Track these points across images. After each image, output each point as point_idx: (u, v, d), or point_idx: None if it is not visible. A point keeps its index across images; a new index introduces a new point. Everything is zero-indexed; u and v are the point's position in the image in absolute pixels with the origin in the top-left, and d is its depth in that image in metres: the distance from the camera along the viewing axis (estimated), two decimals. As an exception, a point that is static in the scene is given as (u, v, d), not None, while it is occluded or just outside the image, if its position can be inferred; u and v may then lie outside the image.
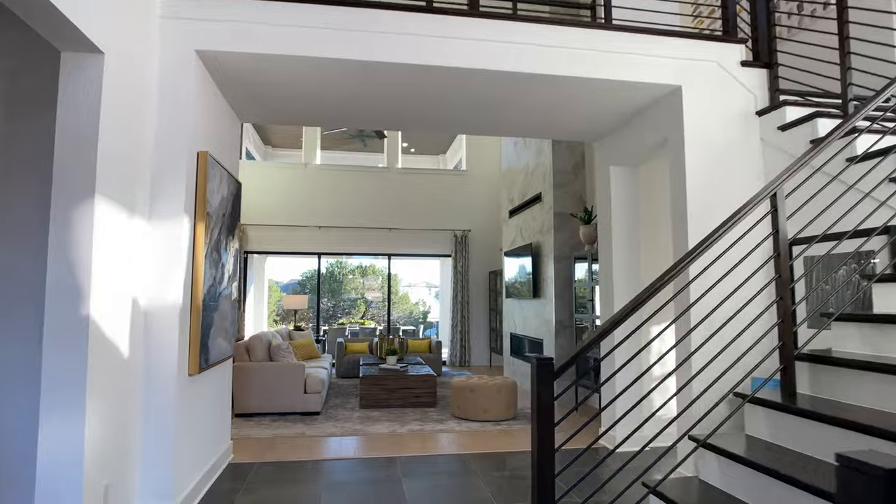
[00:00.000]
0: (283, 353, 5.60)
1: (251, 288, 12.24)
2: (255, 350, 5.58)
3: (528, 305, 7.23)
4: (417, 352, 8.50)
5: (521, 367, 7.51)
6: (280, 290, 18.86)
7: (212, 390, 3.55)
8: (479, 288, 10.02)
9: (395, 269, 19.96)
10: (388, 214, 9.81)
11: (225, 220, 3.67)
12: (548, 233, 6.60)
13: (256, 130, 12.19)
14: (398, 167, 10.06)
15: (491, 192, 10.24)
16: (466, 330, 9.73)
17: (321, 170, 9.79)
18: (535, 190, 7.13)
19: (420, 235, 9.89)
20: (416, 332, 11.75)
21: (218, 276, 3.50)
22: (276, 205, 9.52)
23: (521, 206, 7.60)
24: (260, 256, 13.90)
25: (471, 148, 10.33)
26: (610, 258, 4.55)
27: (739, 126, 3.63)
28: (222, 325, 3.61)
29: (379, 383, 5.88)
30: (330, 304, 19.15)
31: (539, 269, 6.86)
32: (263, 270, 14.07)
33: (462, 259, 9.85)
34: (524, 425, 5.12)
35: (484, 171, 10.28)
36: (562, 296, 6.35)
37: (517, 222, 7.87)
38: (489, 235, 10.11)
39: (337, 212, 9.66)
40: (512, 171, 8.21)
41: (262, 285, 13.91)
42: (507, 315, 8.21)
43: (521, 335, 7.61)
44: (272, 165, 10.23)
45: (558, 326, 6.31)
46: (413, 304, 20.37)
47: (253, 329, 12.11)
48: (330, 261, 19.43)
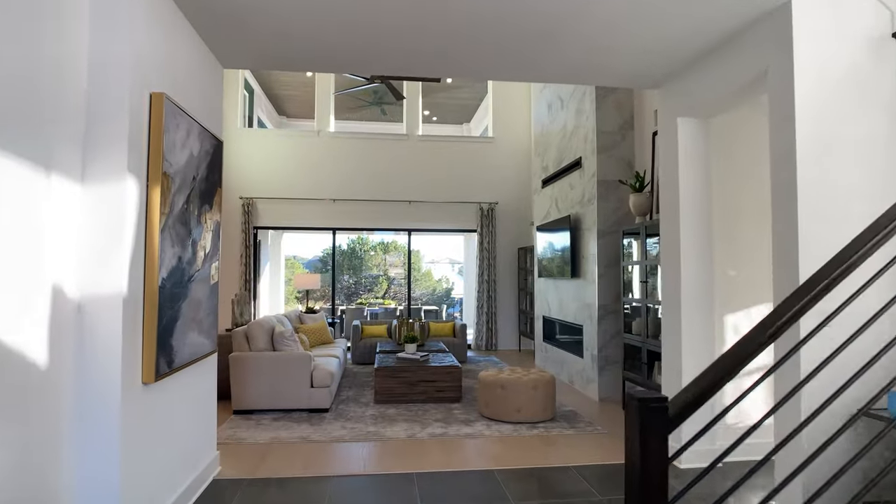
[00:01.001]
0: (287, 341, 4.92)
1: (265, 267, 11.69)
2: (255, 338, 4.91)
3: (565, 286, 6.40)
4: (440, 336, 7.79)
5: (555, 353, 6.72)
6: (303, 268, 18.44)
7: (183, 397, 2.86)
8: (506, 266, 9.21)
9: (416, 245, 19.33)
10: (408, 186, 9.02)
11: (197, 185, 2.92)
12: (589, 203, 5.72)
13: (270, 100, 11.46)
14: (418, 134, 9.21)
15: (520, 161, 9.33)
16: (493, 312, 8.96)
17: (335, 138, 9.00)
18: (573, 155, 6.22)
19: (443, 209, 9.08)
20: (440, 312, 11.05)
21: (187, 255, 2.77)
22: (287, 176, 8.81)
23: (557, 174, 6.71)
24: (276, 233, 13.34)
25: (498, 113, 9.39)
26: (676, 232, 3.68)
27: (868, 51, 2.70)
28: (195, 315, 2.89)
29: (396, 375, 5.17)
30: (351, 282, 18.69)
31: (578, 246, 6.00)
32: (280, 247, 13.54)
33: (489, 234, 9.03)
34: (564, 429, 4.35)
35: (513, 138, 9.36)
36: (606, 276, 5.50)
37: (552, 193, 6.98)
38: (518, 208, 9.24)
39: (352, 184, 8.91)
40: (546, 136, 7.29)
41: (278, 263, 13.37)
42: (540, 296, 7.40)
43: (555, 319, 6.79)
44: (281, 134, 9.49)
45: (602, 311, 5.48)
46: (436, 280, 19.75)
47: (269, 312, 11.59)
48: (351, 237, 18.93)
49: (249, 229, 8.55)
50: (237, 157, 8.73)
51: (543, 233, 7.10)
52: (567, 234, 6.11)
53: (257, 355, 4.80)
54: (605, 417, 4.76)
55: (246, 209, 8.56)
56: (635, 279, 5.04)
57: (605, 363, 5.46)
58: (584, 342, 5.79)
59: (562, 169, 6.54)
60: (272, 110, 11.71)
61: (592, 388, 5.55)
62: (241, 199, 8.65)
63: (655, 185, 5.12)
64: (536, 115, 7.75)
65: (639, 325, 4.87)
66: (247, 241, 8.52)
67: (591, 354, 5.62)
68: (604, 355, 5.46)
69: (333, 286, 9.07)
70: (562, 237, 6.33)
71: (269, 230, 10.88)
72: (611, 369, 5.45)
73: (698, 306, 3.62)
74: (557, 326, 6.87)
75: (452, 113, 12.19)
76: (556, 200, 6.79)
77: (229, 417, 4.63)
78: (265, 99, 11.40)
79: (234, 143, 8.74)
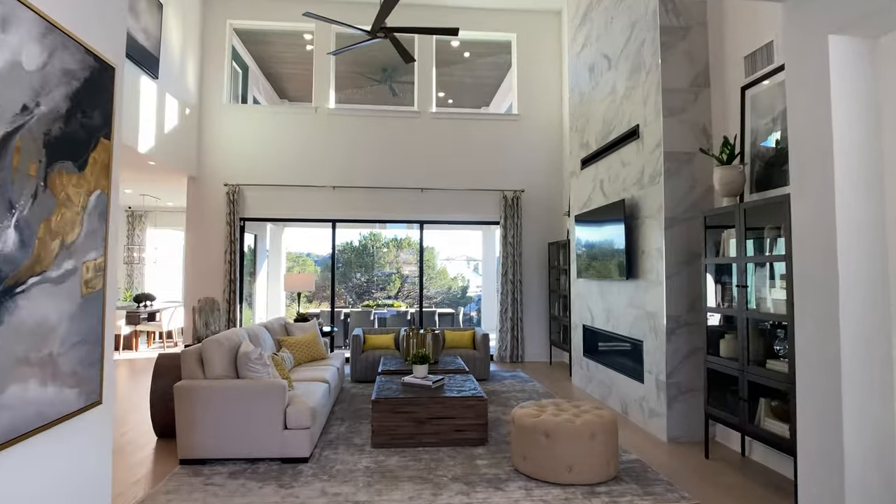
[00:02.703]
0: (253, 364, 3.68)
1: (263, 265, 10.53)
2: (210, 361, 3.68)
3: (616, 290, 5.08)
4: (457, 347, 6.51)
5: (600, 373, 5.40)
6: (315, 265, 17.42)
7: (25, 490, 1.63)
8: (535, 264, 7.89)
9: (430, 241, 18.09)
10: (420, 172, 7.75)
11: (37, 124, 1.68)
12: (652, 183, 4.40)
13: (268, 79, 10.28)
14: (431, 111, 7.93)
15: (551, 142, 8.00)
16: (519, 317, 7.66)
17: (336, 116, 7.77)
18: (627, 123, 4.89)
19: (460, 198, 7.80)
20: (456, 317, 9.76)
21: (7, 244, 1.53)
22: (280, 160, 7.60)
23: (603, 150, 5.38)
24: (276, 226, 12.18)
25: (524, 87, 8.07)
26: (826, 211, 2.34)
27: None
28: (33, 351, 1.65)
29: (400, 410, 3.91)
30: (363, 280, 17.65)
31: (636, 238, 4.68)
32: (280, 243, 12.39)
33: (514, 227, 7.72)
34: (637, 496, 3.05)
35: (541, 115, 8.03)
36: (678, 277, 4.17)
37: (595, 174, 5.66)
38: (549, 197, 7.92)
39: (356, 169, 7.67)
40: (586, 105, 5.96)
41: (279, 261, 12.22)
42: (579, 301, 6.08)
43: (600, 330, 5.47)
44: (273, 111, 8.26)
45: (672, 323, 4.15)
46: (451, 279, 18.56)
47: (265, 318, 10.42)
48: (363, 232, 17.84)
49: (235, 221, 7.36)
50: (221, 138, 7.55)
51: (584, 224, 5.78)
52: (619, 225, 4.79)
53: (212, 385, 3.57)
54: (686, 473, 3.44)
55: (231, 198, 7.38)
56: (726, 282, 3.71)
57: (676, 392, 4.13)
58: (646, 362, 4.47)
59: (610, 143, 5.21)
60: (271, 91, 10.54)
61: (658, 425, 4.23)
62: (225, 186, 7.47)
63: (747, 154, 3.78)
64: (573, 83, 6.42)
65: (731, 345, 3.54)
66: (232, 234, 7.34)
67: (655, 379, 4.30)
68: (675, 382, 4.13)
69: (333, 288, 7.85)
70: (611, 228, 5.00)
71: (262, 222, 9.71)
72: (685, 401, 4.12)
73: (870, 323, 2.29)
74: (604, 339, 5.54)
75: (470, 94, 10.90)
76: (602, 183, 5.46)
77: (173, 470, 3.41)
78: (262, 78, 10.22)
79: (217, 121, 7.56)
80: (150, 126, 6.09)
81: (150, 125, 6.12)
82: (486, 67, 9.77)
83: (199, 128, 7.52)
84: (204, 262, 7.41)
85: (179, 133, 6.92)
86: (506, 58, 8.97)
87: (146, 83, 5.98)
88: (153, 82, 6.15)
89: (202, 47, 7.58)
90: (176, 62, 6.79)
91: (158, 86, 6.28)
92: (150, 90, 6.07)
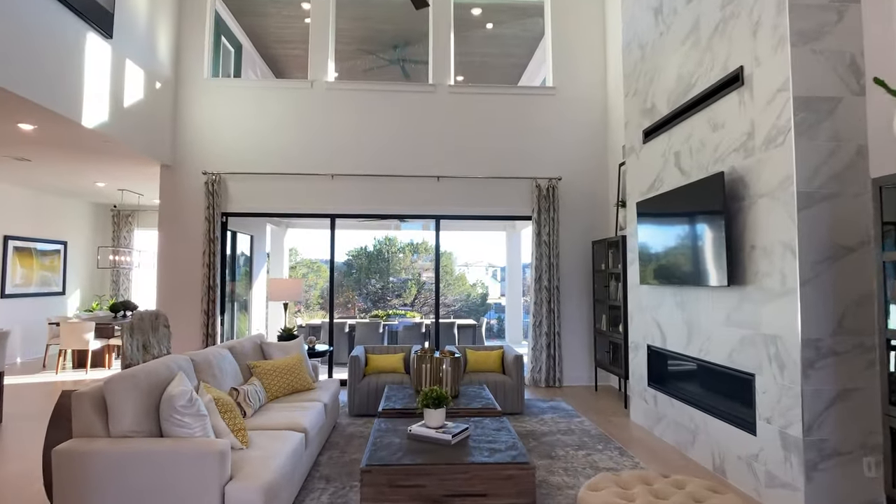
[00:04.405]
0: (181, 414, 2.40)
1: (261, 270, 9.33)
2: (118, 408, 2.41)
3: (705, 300, 3.70)
4: (482, 371, 5.19)
5: (675, 411, 4.01)
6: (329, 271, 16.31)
7: None
8: (575, 267, 6.52)
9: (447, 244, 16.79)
10: (436, 157, 6.47)
11: None
12: (770, 146, 3.03)
13: (266, 60, 9.13)
14: (449, 85, 6.64)
15: (593, 118, 6.66)
16: (556, 332, 6.28)
17: (335, 92, 6.53)
18: (721, 69, 3.53)
19: (484, 188, 6.48)
20: (478, 330, 8.40)
21: None
22: (269, 144, 6.38)
23: (679, 112, 4.02)
24: (278, 227, 10.99)
25: (561, 56, 6.74)
26: None
27: None
28: None
29: (403, 483, 2.58)
30: (378, 286, 16.54)
31: (739, 227, 3.31)
32: (283, 245, 11.20)
33: (549, 222, 6.37)
34: None
35: (582, 86, 6.69)
36: (817, 282, 2.79)
37: (667, 146, 4.29)
38: (592, 184, 6.57)
39: (358, 154, 6.42)
40: (651, 58, 4.61)
41: (280, 264, 11.03)
42: (641, 314, 4.70)
43: (677, 354, 4.09)
44: (261, 86, 6.98)
45: (810, 351, 2.77)
46: (470, 285, 17.34)
47: (266, 329, 9.20)
48: (378, 237, 16.72)
49: (215, 216, 6.15)
50: (200, 118, 6.36)
51: (649, 213, 4.41)
52: (711, 210, 3.41)
53: (114, 449, 2.30)
54: None
55: (210, 188, 6.17)
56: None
57: (818, 457, 2.74)
58: (760, 406, 3.09)
59: (691, 102, 3.85)
60: (269, 74, 9.38)
61: (785, 500, 2.84)
62: (204, 175, 6.27)
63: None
64: (630, 36, 5.06)
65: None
66: (211, 232, 6.12)
67: (779, 433, 2.91)
68: (816, 441, 2.74)
69: (332, 296, 6.57)
70: (697, 216, 3.64)
71: (257, 220, 8.52)
72: (836, 471, 2.73)
73: None
74: (684, 366, 4.15)
75: (494, 75, 9.59)
76: (678, 157, 4.09)
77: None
78: (259, 59, 9.08)
79: (196, 99, 6.38)
80: (101, 96, 4.92)
81: (102, 95, 4.94)
82: (512, 42, 8.47)
83: (175, 106, 6.35)
84: (179, 265, 6.21)
85: (146, 109, 5.74)
86: (535, 28, 7.67)
87: (94, 41, 4.81)
88: (105, 42, 4.98)
89: (179, 11, 6.42)
90: (141, 24, 5.63)
91: (114, 48, 5.12)
92: (100, 51, 4.90)
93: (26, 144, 5.36)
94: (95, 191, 8.34)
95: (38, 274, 8.33)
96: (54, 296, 8.66)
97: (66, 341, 6.80)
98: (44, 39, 4.15)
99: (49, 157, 5.97)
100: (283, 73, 9.59)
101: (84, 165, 6.39)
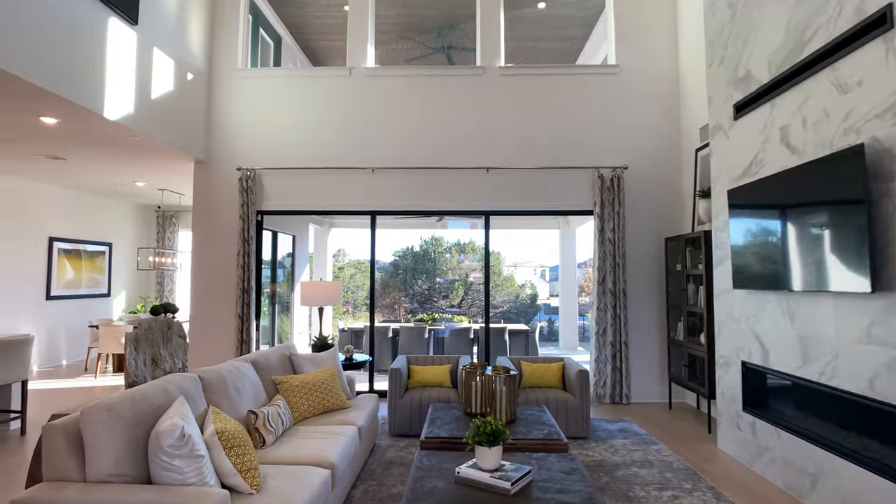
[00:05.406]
0: (171, 456, 1.91)
1: (303, 271, 8.98)
2: (97, 445, 1.94)
3: (829, 310, 2.92)
4: (539, 386, 4.54)
5: (784, 446, 3.23)
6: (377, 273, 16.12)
7: None
8: (645, 268, 5.75)
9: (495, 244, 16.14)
10: (485, 146, 5.86)
11: None
12: (940, 105, 2.24)
13: (306, 53, 8.79)
14: (498, 67, 6.01)
15: (664, 99, 5.87)
16: (623, 341, 5.54)
17: (374, 79, 6.03)
18: (852, 13, 2.74)
19: (538, 180, 5.82)
20: (531, 336, 7.70)
21: None
22: (304, 138, 5.96)
23: (790, 75, 3.24)
24: (321, 227, 10.67)
25: (625, 31, 5.97)
26: None
27: None
28: None
29: (451, 549, 1.99)
30: (424, 287, 16.16)
31: (887, 217, 2.52)
32: (326, 246, 10.87)
33: (614, 217, 5.63)
34: None
35: (651, 63, 5.92)
36: None
37: (769, 120, 3.51)
38: (664, 173, 5.79)
39: (400, 145, 5.89)
40: (746, 16, 3.82)
41: (323, 265, 10.70)
42: (734, 323, 3.92)
43: (786, 375, 3.30)
44: (296, 76, 6.46)
45: None
46: (518, 286, 16.69)
47: (309, 331, 8.82)
48: (424, 237, 16.38)
49: (249, 214, 5.77)
50: (235, 111, 6.01)
51: (746, 203, 3.64)
52: (846, 194, 2.64)
53: (85, 496, 1.83)
54: None
55: (245, 185, 5.80)
56: None
57: None
58: (925, 455, 2.30)
59: (811, 58, 3.06)
60: (305, 60, 9.03)
61: None
62: (238, 171, 5.91)
63: None
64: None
65: None
66: (245, 231, 5.75)
67: (961, 496, 2.12)
68: None
69: (372, 300, 6.08)
70: (817, 204, 2.86)
71: (292, 218, 8.18)
72: None
73: None
74: (797, 391, 3.36)
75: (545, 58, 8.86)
76: (786, 132, 3.31)
77: None
78: (299, 52, 8.74)
79: (228, 91, 6.04)
80: (125, 86, 4.60)
81: (127, 85, 4.62)
82: (565, 23, 7.75)
83: (209, 99, 6.03)
84: (213, 266, 5.88)
85: (177, 101, 5.43)
86: (592, 4, 6.92)
87: (117, 27, 4.49)
88: (130, 29, 4.66)
89: (212, 1, 6.10)
90: (170, 10, 5.30)
91: (140, 35, 4.79)
92: (124, 38, 4.58)
93: (54, 140, 5.14)
94: (137, 191, 8.22)
95: (86, 276, 8.30)
96: (100, 297, 8.62)
97: (105, 345, 6.63)
98: (59, 24, 3.83)
99: (81, 155, 5.76)
100: (322, 65, 9.23)
101: (117, 163, 6.17)
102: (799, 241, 3.06)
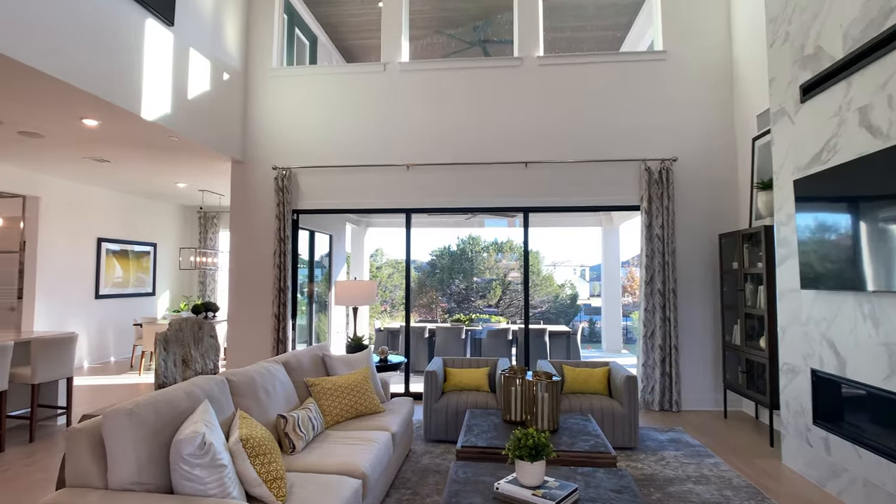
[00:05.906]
0: (191, 465, 1.80)
1: (340, 271, 8.97)
2: (117, 455, 1.85)
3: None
4: (582, 392, 4.28)
5: (865, 467, 2.88)
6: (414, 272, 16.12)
7: None
8: (697, 266, 5.39)
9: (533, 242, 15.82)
10: (523, 140, 5.63)
11: None
12: None
13: (341, 52, 8.75)
14: (537, 57, 5.76)
15: (715, 86, 5.49)
16: (673, 345, 5.20)
17: (409, 74, 5.89)
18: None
19: (580, 174, 5.54)
20: (573, 338, 7.39)
21: None
22: (339, 136, 5.88)
23: (868, 50, 2.89)
24: (358, 226, 10.65)
25: (672, 12, 5.62)
26: None
27: None
28: None
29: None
30: (462, 287, 16.00)
31: None
32: (363, 245, 10.85)
33: (662, 212, 5.30)
34: None
35: (701, 47, 5.54)
36: None
37: (843, 102, 3.15)
38: (717, 165, 5.41)
39: (435, 141, 5.73)
40: (811, -10, 3.47)
41: (360, 265, 10.68)
42: (801, 327, 3.56)
43: (867, 387, 2.95)
44: (330, 73, 6.31)
45: None
46: (558, 286, 16.28)
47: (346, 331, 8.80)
48: (461, 236, 16.23)
49: (286, 214, 5.73)
50: (270, 110, 5.99)
51: (818, 195, 3.29)
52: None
53: (101, 511, 1.73)
54: None
55: (281, 184, 5.77)
56: None
57: None
58: None
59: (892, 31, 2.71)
60: (340, 58, 8.99)
61: None
62: (274, 171, 5.88)
63: None
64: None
65: None
66: (282, 231, 5.71)
67: None
68: None
69: (408, 300, 5.94)
70: (911, 190, 2.52)
71: (329, 217, 8.14)
72: None
73: None
74: (880, 406, 3.00)
75: (586, 46, 8.53)
76: (866, 112, 2.95)
77: None
78: (334, 51, 8.71)
79: (264, 90, 6.02)
80: (162, 87, 4.61)
81: (164, 86, 4.64)
82: (606, 12, 7.41)
83: (245, 98, 6.03)
84: (250, 266, 5.88)
85: (213, 101, 5.44)
86: None
87: (154, 28, 4.50)
88: (167, 30, 4.67)
89: (247, 1, 6.10)
90: (206, 11, 5.31)
91: (176, 36, 4.81)
92: (160, 39, 4.59)
93: (98, 142, 5.22)
94: (179, 192, 8.37)
95: (133, 275, 8.53)
96: (145, 297, 8.84)
97: (148, 342, 6.75)
98: (98, 26, 3.84)
99: (124, 157, 5.86)
100: (353, 54, 9.17)
101: (156, 164, 6.25)
102: (883, 235, 2.71)
